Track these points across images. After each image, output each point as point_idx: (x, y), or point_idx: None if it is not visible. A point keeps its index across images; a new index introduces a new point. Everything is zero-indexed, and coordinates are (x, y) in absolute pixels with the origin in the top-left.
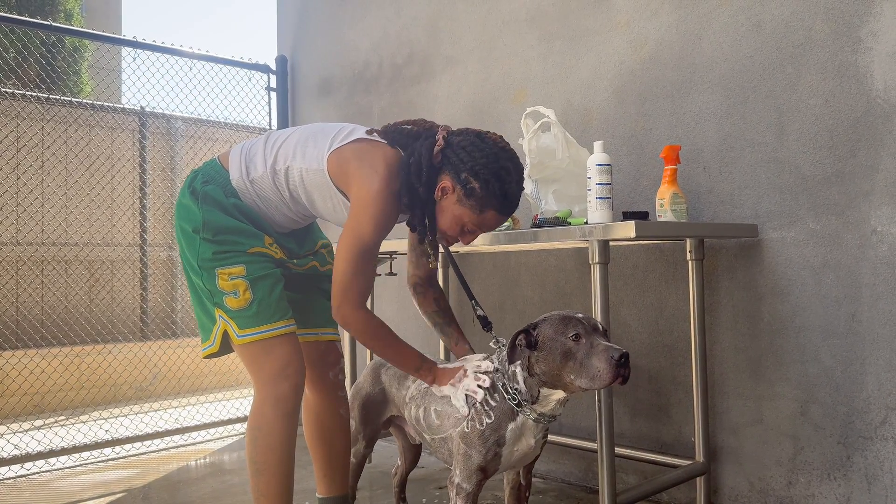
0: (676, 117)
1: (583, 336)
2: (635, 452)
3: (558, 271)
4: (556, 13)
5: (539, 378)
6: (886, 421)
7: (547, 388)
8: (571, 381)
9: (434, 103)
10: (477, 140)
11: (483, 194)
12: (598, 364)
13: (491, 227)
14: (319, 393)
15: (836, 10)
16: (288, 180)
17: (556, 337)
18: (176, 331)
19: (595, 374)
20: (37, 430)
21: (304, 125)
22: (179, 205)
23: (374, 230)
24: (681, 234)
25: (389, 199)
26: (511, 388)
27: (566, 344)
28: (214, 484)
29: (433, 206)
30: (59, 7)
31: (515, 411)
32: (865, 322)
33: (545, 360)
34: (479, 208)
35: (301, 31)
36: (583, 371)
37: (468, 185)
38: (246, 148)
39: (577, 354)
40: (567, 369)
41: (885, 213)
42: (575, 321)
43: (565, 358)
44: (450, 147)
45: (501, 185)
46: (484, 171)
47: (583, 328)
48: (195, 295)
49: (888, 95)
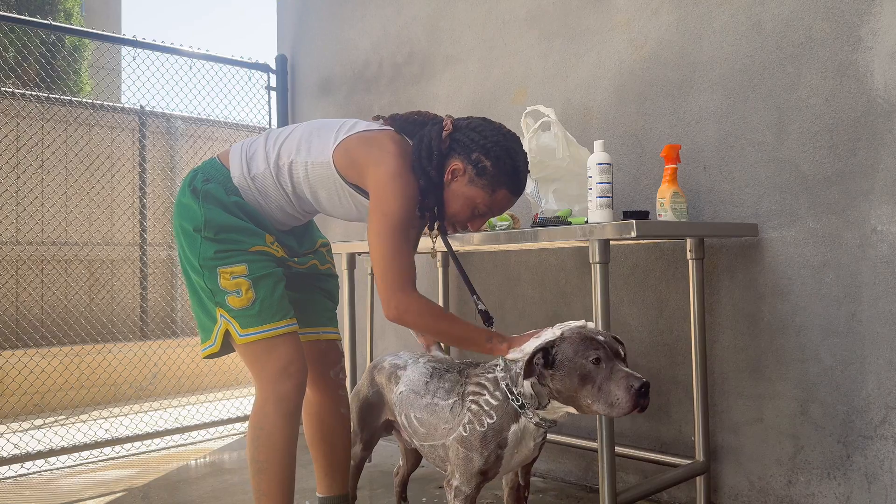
0: (677, 116)
1: (603, 360)
2: (635, 452)
3: (559, 270)
4: (556, 12)
5: (551, 392)
6: (886, 420)
7: (557, 402)
8: (588, 405)
9: (434, 102)
10: (484, 122)
11: (495, 172)
12: (618, 392)
13: (503, 207)
14: (320, 392)
15: (836, 10)
16: (292, 176)
17: (576, 359)
18: (176, 330)
19: (614, 401)
20: (37, 430)
21: (306, 122)
22: (179, 204)
23: (400, 206)
24: (681, 234)
25: (407, 175)
26: (516, 390)
27: (586, 367)
28: (214, 483)
29: (442, 191)
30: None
31: (518, 413)
32: (865, 321)
33: (562, 380)
34: (492, 187)
35: (301, 31)
36: (600, 397)
37: (480, 164)
38: (246, 146)
39: (597, 379)
40: (584, 393)
41: (885, 213)
42: (596, 343)
43: (583, 381)
44: (458, 130)
45: (513, 162)
46: (496, 147)
47: (604, 352)
48: (195, 294)
49: (888, 95)
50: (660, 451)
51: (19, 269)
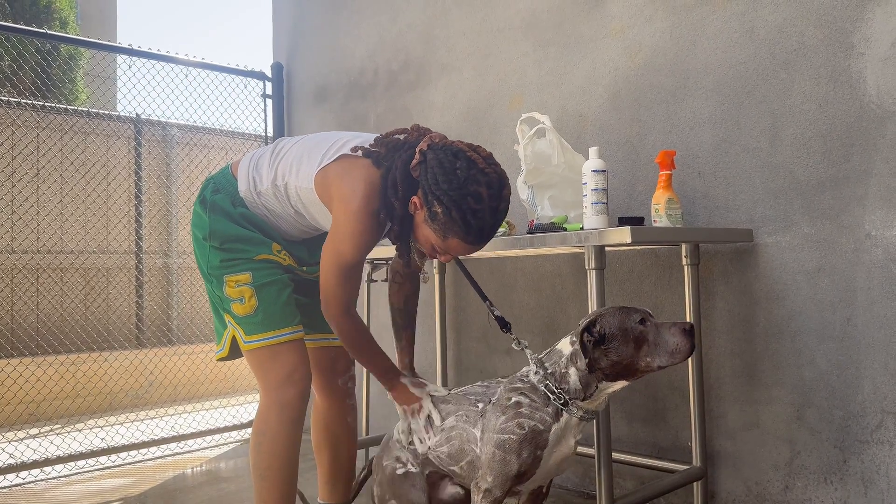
0: (671, 123)
1: (646, 320)
2: (632, 458)
3: (554, 276)
4: (550, 20)
5: (602, 372)
6: (882, 425)
7: (607, 382)
8: (648, 363)
9: (430, 110)
10: (451, 160)
11: (445, 220)
12: (675, 339)
13: (458, 253)
14: (328, 399)
15: (829, 17)
16: (289, 197)
17: (625, 325)
18: (172, 338)
19: (675, 348)
20: (32, 439)
21: (307, 136)
22: (193, 212)
23: (352, 249)
24: (676, 239)
25: (367, 218)
26: (557, 389)
27: (637, 328)
28: (211, 492)
29: (411, 221)
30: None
31: (560, 411)
32: (861, 326)
33: (616, 350)
34: (443, 234)
35: (297, 39)
36: (659, 350)
37: (432, 209)
38: (255, 159)
39: (649, 336)
40: (643, 353)
41: (878, 218)
42: (632, 309)
43: (639, 342)
44: (424, 163)
45: (463, 214)
46: (446, 196)
47: (643, 313)
48: (210, 299)
49: (881, 100)
50: (657, 457)
51: (14, 277)
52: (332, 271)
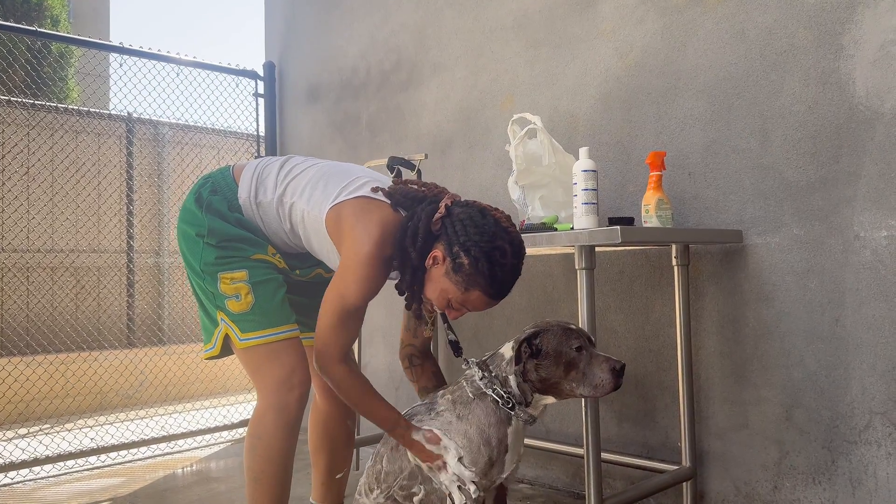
0: (662, 124)
1: (584, 348)
2: (622, 458)
3: (545, 277)
4: (542, 20)
5: (532, 384)
6: (870, 425)
7: (539, 394)
8: (572, 388)
9: (422, 109)
10: (478, 215)
11: (471, 272)
12: (601, 374)
13: (477, 307)
14: (329, 400)
15: (819, 18)
16: (292, 216)
17: (560, 347)
18: (163, 338)
19: (598, 382)
20: (21, 439)
21: (323, 161)
22: (184, 208)
23: (358, 293)
24: (666, 240)
25: (378, 264)
26: (505, 393)
27: (570, 354)
28: (201, 492)
29: (423, 274)
30: (45, 13)
31: (510, 416)
32: (849, 327)
33: (547, 368)
34: (465, 285)
35: (289, 38)
36: (585, 380)
37: (457, 260)
38: (260, 168)
39: (580, 365)
40: (569, 378)
41: (867, 219)
42: (576, 333)
43: (569, 367)
44: (449, 216)
45: (491, 266)
46: (475, 248)
47: (583, 340)
48: (196, 296)
49: (870, 102)
50: (646, 457)
51: (4, 276)
52: (331, 313)
